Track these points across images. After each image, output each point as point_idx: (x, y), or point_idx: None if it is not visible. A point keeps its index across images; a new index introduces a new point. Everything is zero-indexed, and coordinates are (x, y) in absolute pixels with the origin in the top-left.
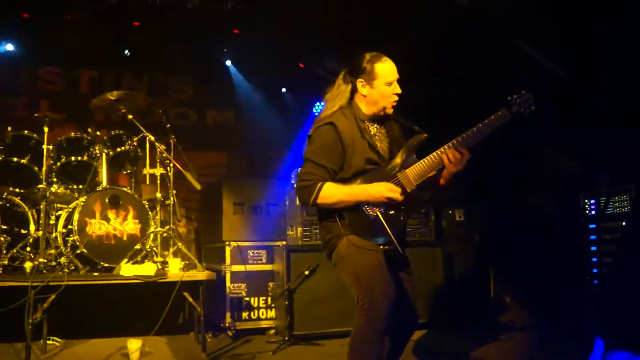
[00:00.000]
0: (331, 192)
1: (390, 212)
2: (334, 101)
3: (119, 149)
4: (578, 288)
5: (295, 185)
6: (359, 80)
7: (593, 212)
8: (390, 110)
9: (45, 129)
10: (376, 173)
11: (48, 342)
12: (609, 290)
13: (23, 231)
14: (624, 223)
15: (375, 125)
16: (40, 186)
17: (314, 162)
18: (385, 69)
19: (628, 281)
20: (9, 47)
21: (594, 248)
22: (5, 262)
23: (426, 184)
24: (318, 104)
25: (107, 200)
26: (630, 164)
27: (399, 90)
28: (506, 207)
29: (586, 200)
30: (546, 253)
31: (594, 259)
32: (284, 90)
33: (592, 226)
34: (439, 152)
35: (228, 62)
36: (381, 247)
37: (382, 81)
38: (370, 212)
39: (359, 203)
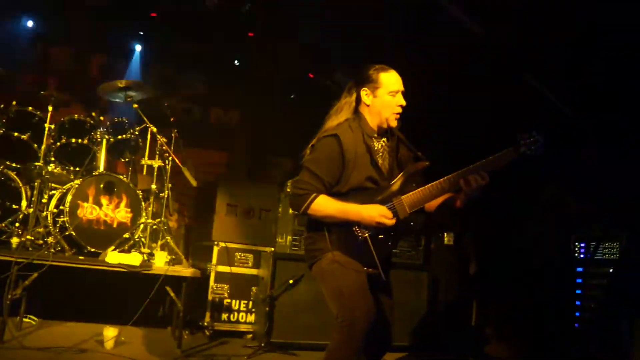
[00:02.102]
0: (324, 206)
1: (379, 237)
2: (340, 112)
3: (120, 137)
4: (560, 330)
5: (290, 192)
6: (363, 89)
7: (582, 255)
8: (393, 123)
9: (50, 108)
10: (372, 194)
11: (24, 319)
12: (588, 336)
13: (14, 206)
14: (611, 270)
15: (382, 141)
16: (37, 163)
17: (312, 172)
18: (390, 79)
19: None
20: (30, 23)
21: (578, 291)
22: None
23: (421, 209)
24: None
25: (102, 185)
26: (624, 211)
27: (402, 102)
28: (497, 237)
29: (577, 243)
30: (533, 291)
31: (578, 302)
32: (292, 97)
33: (579, 269)
34: (438, 182)
35: (236, 62)
36: (364, 269)
37: (385, 90)
38: (360, 234)
39: (349, 222)
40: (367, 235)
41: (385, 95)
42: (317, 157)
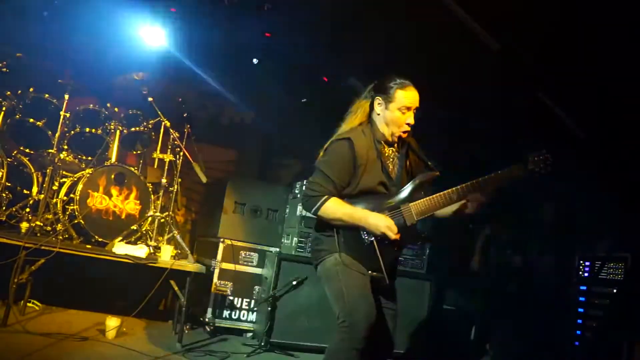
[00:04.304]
0: (334, 209)
1: (386, 242)
2: (354, 116)
3: (133, 129)
4: (561, 348)
5: (303, 193)
6: (377, 97)
7: (586, 274)
8: (401, 136)
9: (66, 97)
10: (381, 199)
11: (28, 304)
12: (588, 355)
13: (25, 191)
14: (614, 290)
15: (392, 148)
16: (50, 151)
17: (324, 174)
18: (405, 96)
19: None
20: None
21: (581, 310)
22: (3, 219)
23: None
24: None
25: (112, 176)
26: (631, 232)
27: (411, 121)
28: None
29: (581, 262)
30: (534, 308)
31: (579, 321)
32: (304, 100)
33: (583, 287)
34: (447, 193)
35: (254, 63)
36: (369, 272)
37: (397, 105)
38: (366, 237)
39: (356, 226)
40: (373, 239)
41: (395, 111)
42: (329, 160)
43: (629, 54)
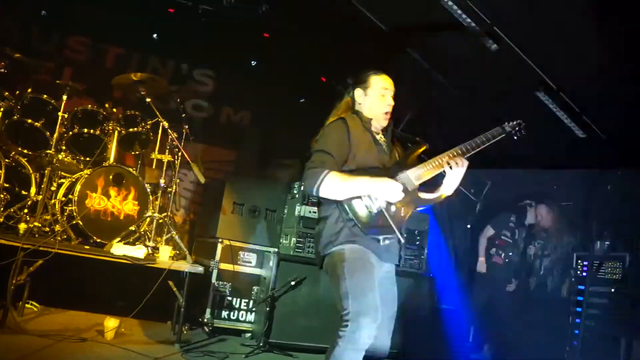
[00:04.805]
0: (336, 181)
1: (393, 208)
2: (337, 111)
3: (131, 129)
4: (559, 347)
5: (304, 172)
6: (357, 89)
7: (584, 274)
8: (383, 122)
9: (64, 97)
10: (378, 173)
11: (26, 305)
12: (586, 354)
13: (24, 192)
14: (612, 290)
15: (380, 135)
16: (48, 151)
17: (322, 151)
18: (381, 80)
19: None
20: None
21: (579, 309)
22: (1, 220)
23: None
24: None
25: (111, 177)
26: (628, 232)
27: (391, 102)
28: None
29: (579, 261)
30: (534, 308)
31: (577, 320)
32: (302, 100)
33: (581, 287)
34: (439, 157)
35: (253, 63)
36: (381, 242)
37: (375, 89)
38: (373, 206)
39: (361, 194)
40: (381, 208)
41: (374, 94)
42: (326, 139)
43: None
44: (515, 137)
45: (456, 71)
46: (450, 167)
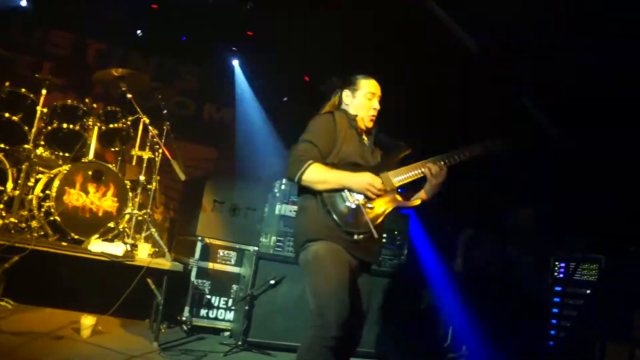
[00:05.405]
0: (317, 172)
1: (370, 205)
2: (323, 109)
3: (112, 125)
4: (535, 348)
5: (287, 160)
6: (345, 90)
7: (561, 275)
8: (369, 124)
9: (44, 92)
10: (361, 167)
11: (1, 303)
12: (562, 355)
13: (0, 187)
14: (588, 291)
15: (363, 135)
16: (26, 146)
17: (308, 141)
18: (368, 83)
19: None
20: (23, 2)
21: (555, 310)
22: None
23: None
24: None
25: (90, 173)
26: (605, 234)
27: (377, 106)
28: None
29: (556, 263)
30: (510, 310)
31: (554, 321)
32: (285, 99)
33: (557, 288)
34: (421, 163)
35: (235, 62)
36: (355, 237)
37: (363, 92)
38: (352, 200)
39: (341, 187)
40: (359, 203)
41: (362, 97)
42: (313, 130)
43: None
44: (496, 155)
45: None
46: (432, 173)
